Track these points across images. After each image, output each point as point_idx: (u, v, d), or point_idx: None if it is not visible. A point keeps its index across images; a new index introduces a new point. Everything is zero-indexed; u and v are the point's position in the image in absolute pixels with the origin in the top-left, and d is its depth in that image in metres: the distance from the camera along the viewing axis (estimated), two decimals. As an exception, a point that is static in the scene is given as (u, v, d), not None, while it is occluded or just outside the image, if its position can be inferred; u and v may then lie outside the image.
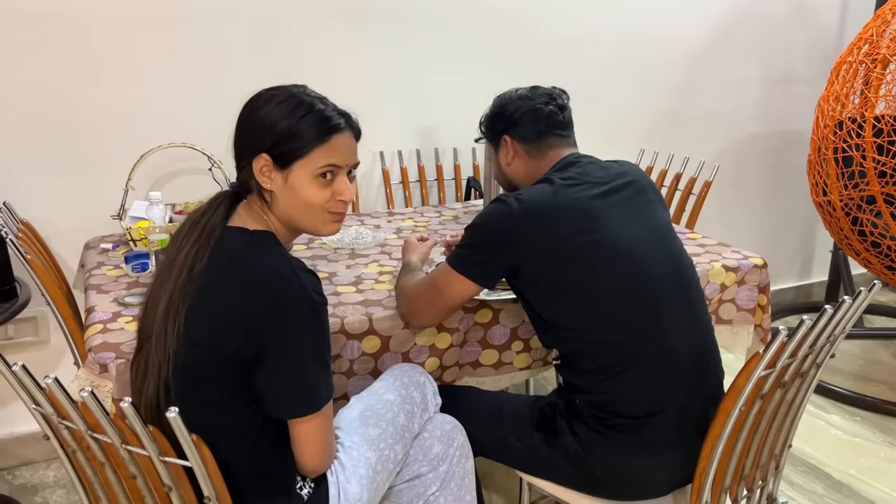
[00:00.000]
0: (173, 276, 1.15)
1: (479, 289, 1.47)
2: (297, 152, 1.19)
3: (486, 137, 1.69)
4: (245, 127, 1.22)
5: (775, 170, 3.27)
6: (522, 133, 1.58)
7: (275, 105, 1.21)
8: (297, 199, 1.21)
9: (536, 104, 1.57)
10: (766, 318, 1.96)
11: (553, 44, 2.65)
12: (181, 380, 1.12)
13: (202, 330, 1.12)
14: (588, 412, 1.41)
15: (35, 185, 2.10)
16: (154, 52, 2.15)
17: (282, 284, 1.13)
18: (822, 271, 3.48)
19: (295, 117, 1.19)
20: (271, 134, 1.19)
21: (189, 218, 1.22)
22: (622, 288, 1.38)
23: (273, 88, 1.25)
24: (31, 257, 1.56)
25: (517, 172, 1.61)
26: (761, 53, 3.07)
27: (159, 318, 1.13)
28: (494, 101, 1.66)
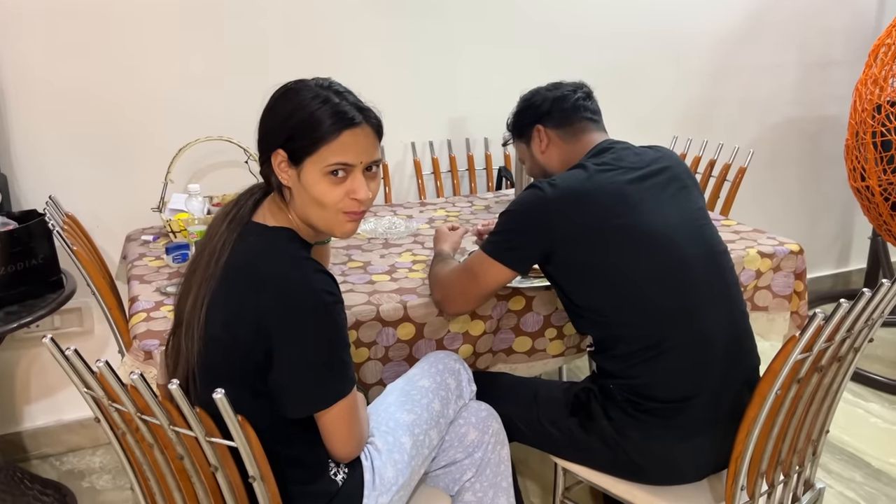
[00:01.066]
0: (202, 266, 1.18)
1: (514, 275, 1.48)
2: (308, 148, 1.15)
3: (516, 135, 1.71)
4: (265, 120, 1.21)
5: (812, 155, 3.22)
6: (554, 119, 1.60)
7: (288, 100, 1.18)
8: (309, 197, 1.17)
9: (564, 92, 1.61)
10: (803, 305, 1.94)
11: (585, 32, 2.64)
12: (204, 372, 1.15)
13: (218, 326, 1.14)
14: (622, 396, 1.42)
15: (79, 180, 2.15)
16: (191, 47, 2.20)
17: (290, 287, 1.12)
18: (861, 258, 3.42)
19: (307, 111, 1.15)
20: (286, 128, 1.16)
21: (222, 210, 1.25)
22: (656, 272, 1.39)
23: (296, 81, 1.22)
24: (76, 248, 1.60)
25: (552, 160, 1.61)
26: (797, 37, 3.02)
27: (189, 306, 1.17)
28: (520, 100, 1.70)
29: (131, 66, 2.14)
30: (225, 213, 1.23)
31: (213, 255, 1.17)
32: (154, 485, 1.12)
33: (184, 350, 1.17)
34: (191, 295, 1.18)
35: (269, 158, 1.19)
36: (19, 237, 1.72)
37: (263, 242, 1.18)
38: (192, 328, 1.16)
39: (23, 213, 1.88)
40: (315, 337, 1.12)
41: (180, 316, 1.20)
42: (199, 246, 1.23)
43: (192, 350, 1.16)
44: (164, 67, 2.18)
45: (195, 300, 1.16)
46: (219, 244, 1.18)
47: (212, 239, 1.20)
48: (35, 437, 2.28)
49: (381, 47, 2.42)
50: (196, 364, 1.16)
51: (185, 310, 1.19)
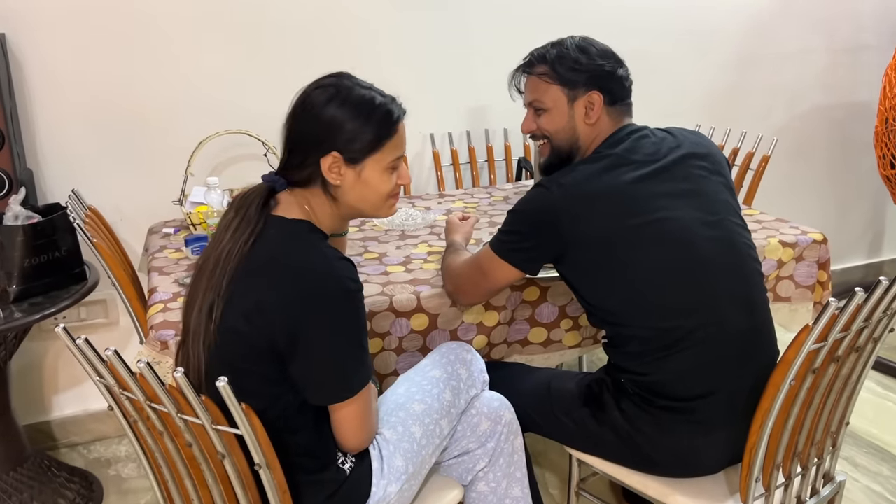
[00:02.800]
0: (209, 270, 1.18)
1: (522, 274, 1.47)
2: (369, 148, 1.22)
3: (559, 79, 1.48)
4: (308, 126, 1.22)
5: (841, 143, 3.15)
6: (613, 96, 1.48)
7: (339, 105, 1.21)
8: (369, 191, 1.25)
9: (626, 72, 1.51)
10: (827, 295, 1.90)
11: (606, 19, 2.60)
12: (218, 366, 1.15)
13: (238, 319, 1.15)
14: (634, 391, 1.40)
15: (103, 174, 2.19)
16: (211, 43, 2.22)
17: (316, 276, 1.15)
18: (894, 248, 3.34)
19: (363, 116, 1.21)
20: (341, 133, 1.20)
21: (223, 221, 1.24)
22: (670, 272, 1.36)
23: (325, 84, 1.24)
24: (97, 241, 1.63)
25: (590, 132, 1.48)
26: (825, 22, 2.94)
27: (196, 311, 1.17)
28: (583, 45, 1.49)
29: (153, 63, 2.17)
30: (229, 220, 1.22)
31: (226, 258, 1.17)
32: (166, 472, 1.14)
33: (194, 356, 1.17)
34: (197, 302, 1.18)
35: (312, 160, 1.21)
36: (43, 230, 1.76)
37: (285, 233, 1.20)
38: (203, 330, 1.16)
39: (47, 206, 1.91)
40: (340, 323, 1.15)
41: (188, 324, 1.20)
42: (203, 255, 1.23)
43: (203, 350, 1.16)
44: (185, 64, 2.21)
45: (205, 304, 1.16)
46: (230, 246, 1.18)
47: (216, 247, 1.20)
48: (63, 426, 2.33)
49: (398, 39, 2.42)
50: (210, 358, 1.17)
51: (192, 316, 1.19)
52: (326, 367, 1.17)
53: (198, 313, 1.17)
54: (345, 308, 1.16)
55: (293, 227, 1.22)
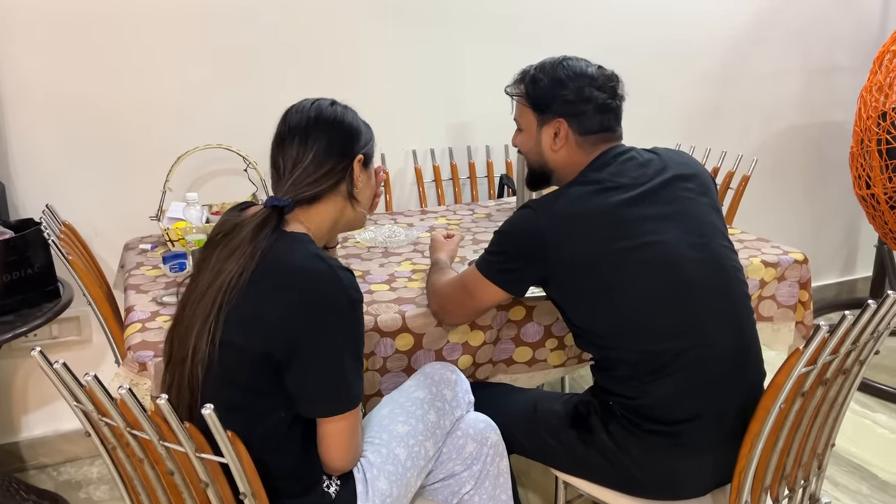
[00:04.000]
0: (210, 296, 1.15)
1: (509, 296, 1.46)
2: (373, 149, 1.35)
3: (531, 103, 1.49)
4: (336, 134, 1.28)
5: (817, 163, 3.19)
6: (583, 125, 1.44)
7: (352, 113, 1.33)
8: (371, 193, 1.37)
9: (605, 98, 1.44)
10: (809, 315, 1.91)
11: (588, 39, 2.62)
12: (209, 381, 1.13)
13: (237, 330, 1.13)
14: (622, 414, 1.39)
15: (77, 188, 2.14)
16: (191, 53, 2.19)
17: (321, 283, 1.15)
18: (867, 266, 3.39)
19: (363, 122, 1.34)
20: (362, 136, 1.31)
21: (226, 240, 1.20)
22: (658, 296, 1.35)
23: (326, 100, 1.32)
24: (72, 258, 1.59)
25: (558, 159, 1.48)
26: (801, 43, 2.99)
27: (195, 336, 1.14)
28: (557, 67, 1.47)
29: (131, 73, 2.13)
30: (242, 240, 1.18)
31: (222, 288, 1.14)
32: (145, 500, 1.10)
33: (187, 378, 1.14)
34: (195, 328, 1.14)
35: (341, 168, 1.27)
36: (15, 246, 1.71)
37: (288, 243, 1.20)
38: (204, 350, 1.13)
39: (20, 221, 1.86)
40: (344, 333, 1.15)
41: (184, 345, 1.16)
42: (201, 277, 1.19)
43: (200, 371, 1.13)
44: (164, 74, 2.17)
45: (201, 331, 1.13)
46: (231, 277, 1.15)
47: (218, 274, 1.16)
48: (32, 446, 2.26)
49: (381, 54, 2.41)
50: (206, 377, 1.13)
51: (189, 338, 1.15)
52: (327, 377, 1.15)
53: (198, 337, 1.14)
54: (349, 318, 1.16)
55: (295, 237, 1.22)
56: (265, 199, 1.26)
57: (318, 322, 1.13)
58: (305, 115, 1.28)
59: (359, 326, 1.20)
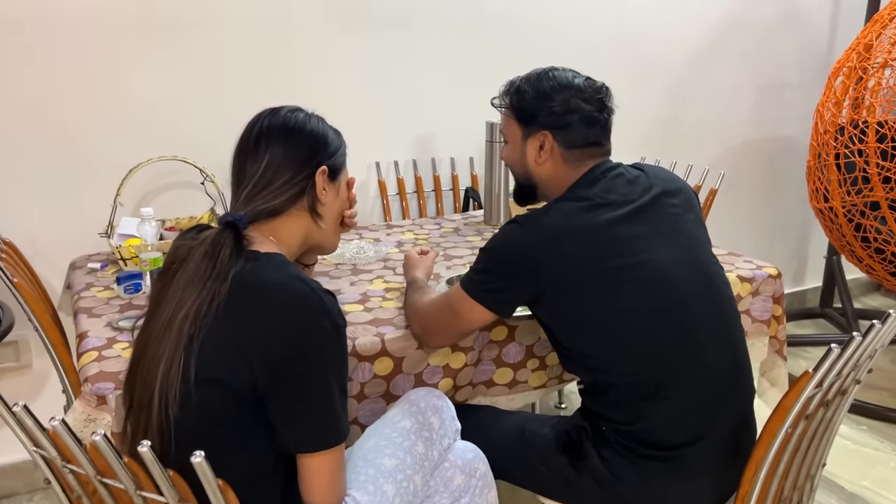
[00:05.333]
0: (177, 327, 1.04)
1: (496, 316, 1.40)
2: (342, 160, 1.27)
3: (516, 116, 1.45)
4: (297, 143, 1.20)
5: (769, 176, 3.25)
6: (568, 138, 1.40)
7: (318, 120, 1.25)
8: (339, 209, 1.29)
9: (592, 110, 1.40)
10: (782, 329, 1.92)
11: (545, 52, 2.59)
12: (186, 423, 1.03)
13: (213, 366, 1.03)
14: (616, 439, 1.34)
15: (14, 200, 1.98)
16: (144, 59, 2.06)
17: (304, 307, 1.06)
18: (816, 277, 3.47)
19: (334, 130, 1.27)
20: (328, 146, 1.23)
21: (188, 265, 1.10)
22: (652, 315, 1.31)
23: (290, 107, 1.25)
24: (17, 280, 1.45)
25: (543, 173, 1.44)
26: (752, 59, 3.05)
27: (162, 374, 1.03)
28: (542, 78, 1.43)
29: (77, 78, 1.99)
30: (194, 273, 1.08)
31: (188, 318, 1.04)
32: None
33: (157, 421, 1.03)
34: (162, 362, 1.04)
35: (301, 180, 1.19)
36: (-51, 267, 1.55)
37: (265, 265, 1.11)
38: (176, 391, 1.02)
39: (-47, 239, 1.70)
40: (329, 361, 1.07)
41: (149, 386, 1.06)
42: (158, 308, 1.09)
43: (174, 412, 1.03)
44: (115, 81, 2.03)
45: (175, 362, 1.03)
46: (196, 307, 1.05)
47: (182, 302, 1.06)
48: (-37, 483, 2.08)
49: (343, 62, 2.32)
50: (179, 419, 1.03)
51: (154, 379, 1.04)
52: (314, 409, 1.07)
53: (166, 374, 1.03)
54: (335, 345, 1.08)
55: (271, 258, 1.13)
56: (221, 216, 1.16)
57: (305, 349, 1.05)
58: (262, 121, 1.20)
59: (345, 354, 1.12)
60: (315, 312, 1.06)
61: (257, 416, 1.06)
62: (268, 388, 1.04)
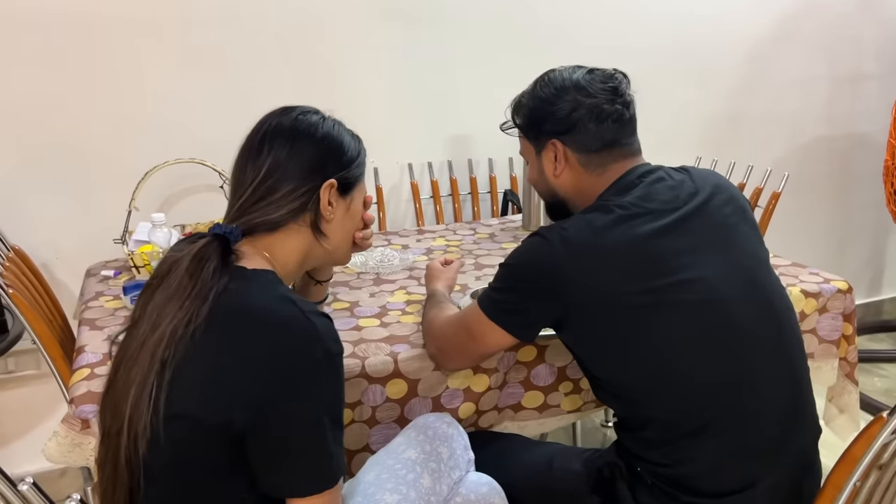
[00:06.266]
0: (148, 352, 0.93)
1: (517, 340, 1.24)
2: (359, 174, 1.14)
3: (524, 132, 1.34)
4: (304, 150, 1.07)
5: (841, 177, 3.00)
6: (579, 141, 1.24)
7: (332, 125, 1.12)
8: (351, 227, 1.16)
9: (599, 102, 1.23)
10: (853, 350, 1.71)
11: (599, 43, 2.43)
12: (156, 460, 0.92)
13: (185, 399, 0.92)
14: (653, 482, 1.18)
15: (37, 205, 1.94)
16: (161, 60, 1.99)
17: (292, 332, 0.94)
18: (894, 286, 3.19)
19: (355, 138, 1.15)
20: (342, 155, 1.10)
21: (168, 282, 0.98)
22: (697, 342, 1.14)
23: (305, 109, 1.12)
24: (13, 291, 1.38)
25: (566, 185, 1.29)
26: (825, 49, 2.80)
27: (131, 404, 0.92)
28: (538, 84, 1.30)
29: (94, 83, 1.93)
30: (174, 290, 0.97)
31: (163, 340, 0.93)
32: None
33: (119, 454, 0.93)
34: (132, 391, 0.92)
35: (304, 192, 1.06)
36: (-47, 276, 1.50)
37: (248, 283, 0.99)
38: (145, 423, 0.91)
39: (-36, 246, 1.66)
40: (321, 394, 0.94)
41: (105, 422, 0.97)
42: (134, 329, 0.98)
43: (143, 447, 0.92)
44: (132, 83, 1.97)
45: (145, 392, 0.92)
46: (172, 328, 0.93)
47: (158, 322, 0.94)
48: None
49: (374, 60, 2.21)
50: (149, 455, 0.92)
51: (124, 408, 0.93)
52: (303, 449, 0.94)
53: (135, 404, 0.92)
54: (328, 375, 0.95)
55: (258, 277, 1.00)
56: (212, 227, 1.04)
57: (291, 381, 0.92)
58: (269, 121, 1.08)
59: (340, 385, 0.98)
60: (304, 339, 0.94)
61: (237, 456, 0.94)
62: (249, 428, 0.91)
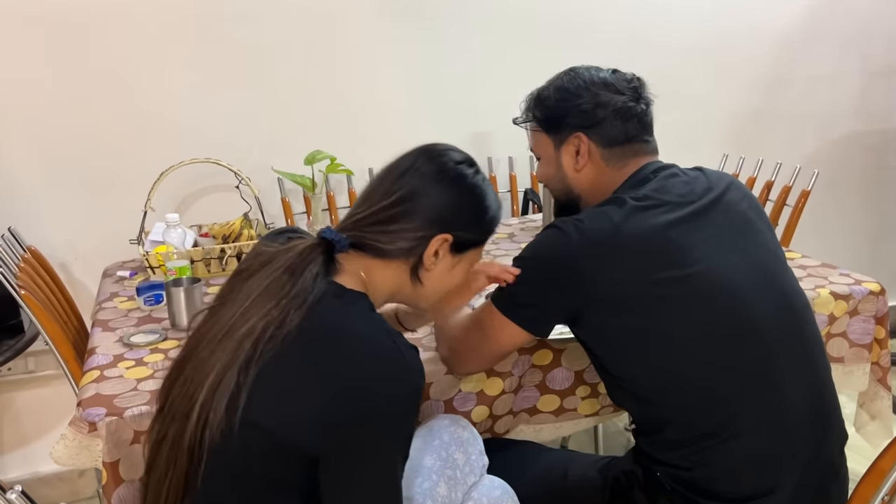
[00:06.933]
0: (235, 341, 0.91)
1: (531, 336, 1.21)
2: (479, 239, 1.08)
3: (544, 126, 1.30)
4: (440, 197, 1.02)
5: (875, 173, 2.90)
6: (605, 136, 1.23)
7: (479, 180, 1.06)
8: (448, 285, 1.09)
9: (626, 99, 1.23)
10: (885, 355, 1.65)
11: (621, 38, 2.37)
12: (219, 455, 0.89)
13: (263, 406, 0.88)
14: (673, 488, 1.14)
15: (56, 206, 1.95)
16: (177, 58, 1.98)
17: (386, 367, 0.90)
18: (932, 288, 3.08)
19: (491, 199, 1.07)
20: (471, 214, 1.05)
21: (265, 273, 0.96)
22: (716, 338, 1.10)
23: (466, 159, 1.07)
24: (24, 292, 1.38)
25: (584, 181, 1.27)
26: (859, 42, 2.71)
27: (204, 392, 0.89)
28: (562, 79, 1.29)
29: (111, 83, 1.94)
30: (274, 280, 0.94)
31: (253, 335, 0.90)
32: None
33: (183, 438, 0.90)
34: (208, 378, 0.90)
35: (420, 235, 1.01)
36: (-31, 277, 1.50)
37: (349, 307, 0.95)
38: (204, 417, 0.89)
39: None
40: (402, 431, 0.92)
41: (168, 400, 0.94)
42: (218, 313, 0.95)
43: (201, 433, 0.89)
44: (149, 83, 1.97)
45: (224, 384, 0.89)
46: (265, 324, 0.90)
47: (247, 312, 0.92)
48: (8, 491, 2.06)
49: (394, 57, 2.18)
50: (210, 441, 0.89)
51: (192, 395, 0.91)
52: (373, 483, 0.91)
53: (210, 393, 0.89)
54: (409, 413, 0.93)
55: (355, 300, 0.97)
56: (321, 230, 1.01)
57: (375, 414, 0.89)
58: (420, 155, 1.04)
59: (415, 422, 0.97)
60: (394, 374, 0.90)
61: (300, 476, 0.90)
62: (322, 453, 0.89)
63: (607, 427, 2.32)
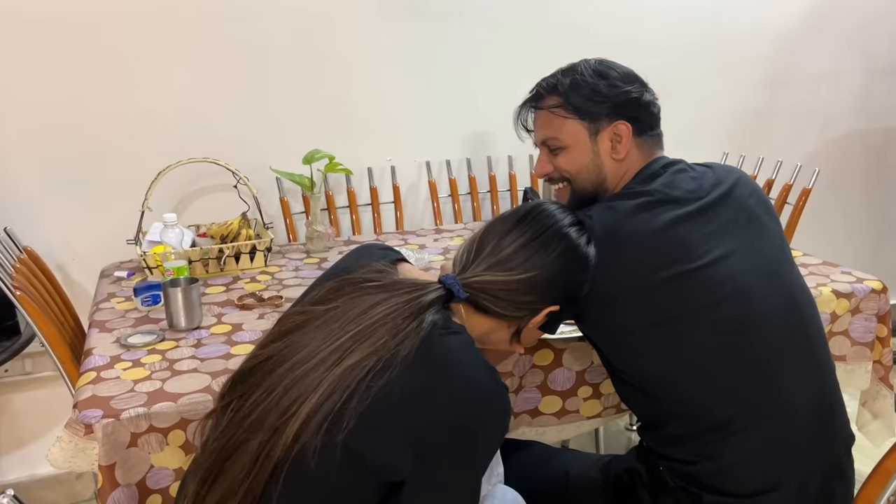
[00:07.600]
0: (350, 363, 0.89)
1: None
2: (576, 313, 1.15)
3: (577, 112, 1.23)
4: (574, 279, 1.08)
5: (877, 171, 2.89)
6: (642, 126, 1.24)
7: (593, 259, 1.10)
8: (527, 342, 1.13)
9: (653, 96, 1.27)
10: (887, 353, 1.64)
11: (621, 38, 2.36)
12: (295, 483, 0.88)
13: (368, 434, 0.87)
14: (677, 484, 1.13)
15: (53, 206, 1.94)
16: (174, 58, 1.97)
17: (483, 400, 0.92)
18: (934, 287, 3.06)
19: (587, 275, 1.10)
20: (580, 290, 1.09)
21: (382, 291, 0.97)
22: (722, 333, 1.10)
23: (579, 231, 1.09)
24: (20, 294, 1.36)
25: (619, 169, 1.24)
26: (861, 40, 2.70)
27: (307, 411, 0.87)
28: (597, 66, 1.26)
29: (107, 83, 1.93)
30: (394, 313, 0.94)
31: (374, 353, 0.90)
32: None
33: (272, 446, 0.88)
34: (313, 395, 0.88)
35: (535, 306, 1.05)
36: (-37, 278, 1.49)
37: (459, 344, 0.96)
38: (306, 422, 0.87)
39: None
40: (483, 463, 0.95)
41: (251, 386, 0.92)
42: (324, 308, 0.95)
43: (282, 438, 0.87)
44: (146, 83, 1.96)
45: (317, 406, 0.87)
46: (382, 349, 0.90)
47: (368, 334, 0.91)
48: (5, 493, 2.05)
49: (393, 57, 2.17)
50: (292, 465, 0.87)
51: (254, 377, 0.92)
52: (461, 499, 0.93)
53: (312, 413, 0.87)
54: (493, 446, 0.96)
55: (463, 335, 0.98)
56: (443, 276, 1.01)
57: (469, 446, 0.91)
58: (562, 239, 1.06)
59: (491, 458, 0.98)
60: (491, 410, 0.93)
61: (378, 498, 0.90)
62: (410, 479, 0.88)
63: (608, 427, 2.31)
